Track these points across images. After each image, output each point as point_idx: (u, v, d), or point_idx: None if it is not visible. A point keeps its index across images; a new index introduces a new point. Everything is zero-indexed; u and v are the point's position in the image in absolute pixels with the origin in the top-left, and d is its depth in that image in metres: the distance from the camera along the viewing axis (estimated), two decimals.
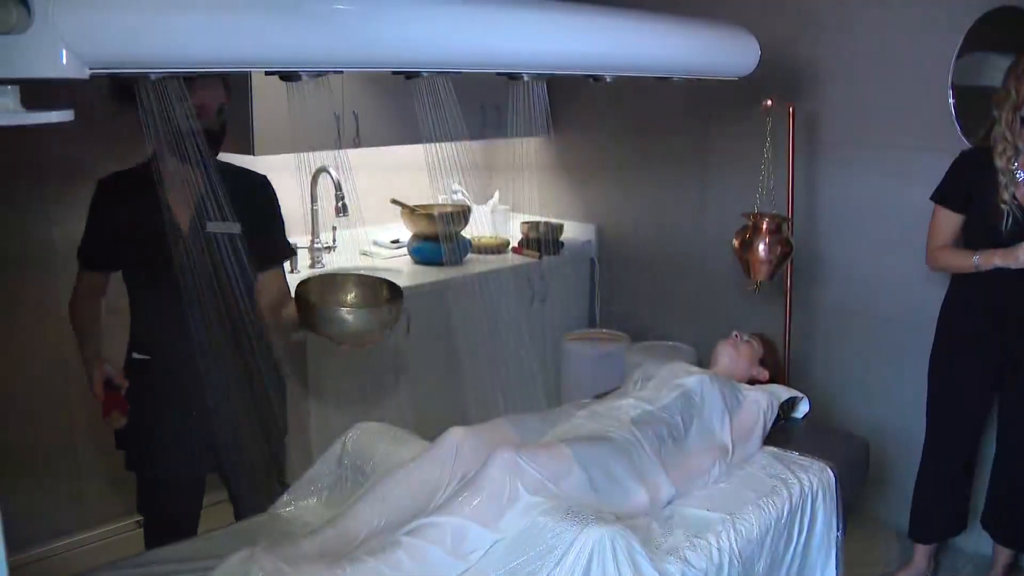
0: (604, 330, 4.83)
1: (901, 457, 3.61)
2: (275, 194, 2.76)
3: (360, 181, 4.17)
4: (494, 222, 4.99)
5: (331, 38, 1.58)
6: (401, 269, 4.24)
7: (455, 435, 2.19)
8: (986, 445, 3.43)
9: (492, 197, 5.05)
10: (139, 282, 2.54)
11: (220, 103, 2.47)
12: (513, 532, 1.93)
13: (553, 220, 4.90)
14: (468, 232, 4.62)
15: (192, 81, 2.32)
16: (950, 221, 3.19)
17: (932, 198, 3.22)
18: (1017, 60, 2.99)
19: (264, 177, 2.73)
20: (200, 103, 2.38)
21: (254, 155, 3.64)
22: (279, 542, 1.93)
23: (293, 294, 2.52)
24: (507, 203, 5.08)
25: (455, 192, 4.67)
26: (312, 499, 2.31)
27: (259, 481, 2.54)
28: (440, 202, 4.60)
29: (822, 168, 3.92)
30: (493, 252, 4.67)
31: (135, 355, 2.61)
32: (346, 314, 2.44)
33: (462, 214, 4.52)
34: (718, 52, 2.62)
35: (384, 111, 4.05)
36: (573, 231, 4.94)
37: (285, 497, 2.33)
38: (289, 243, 2.84)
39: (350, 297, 2.65)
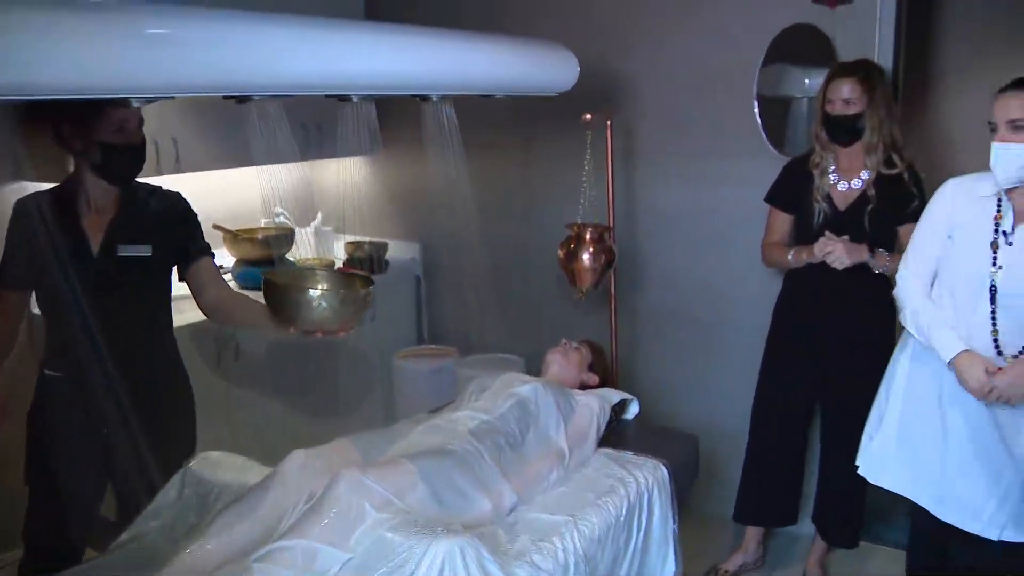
0: (433, 346, 4.85)
1: (728, 451, 3.73)
2: (191, 208, 2.75)
3: None
4: (318, 243, 4.95)
5: (162, 64, 1.55)
6: None
7: (297, 458, 2.18)
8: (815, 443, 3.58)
9: (315, 219, 5.01)
10: (50, 302, 2.49)
11: (139, 118, 2.42)
12: (363, 549, 1.93)
13: (377, 239, 4.89)
14: (292, 255, 4.56)
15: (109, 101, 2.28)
16: (780, 220, 3.37)
17: (765, 199, 3.40)
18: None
19: (178, 193, 2.71)
20: (122, 119, 2.34)
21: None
22: None
23: (262, 283, 2.42)
24: (330, 224, 5.04)
25: (278, 215, 4.61)
26: (155, 535, 2.23)
27: None
28: (263, 225, 4.54)
29: (639, 177, 4.06)
30: None
31: (47, 371, 2.59)
32: (320, 297, 2.34)
33: (286, 237, 4.46)
34: (539, 69, 2.69)
35: (205, 135, 3.96)
36: (398, 249, 4.95)
37: (125, 535, 2.24)
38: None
39: (323, 284, 2.56)
